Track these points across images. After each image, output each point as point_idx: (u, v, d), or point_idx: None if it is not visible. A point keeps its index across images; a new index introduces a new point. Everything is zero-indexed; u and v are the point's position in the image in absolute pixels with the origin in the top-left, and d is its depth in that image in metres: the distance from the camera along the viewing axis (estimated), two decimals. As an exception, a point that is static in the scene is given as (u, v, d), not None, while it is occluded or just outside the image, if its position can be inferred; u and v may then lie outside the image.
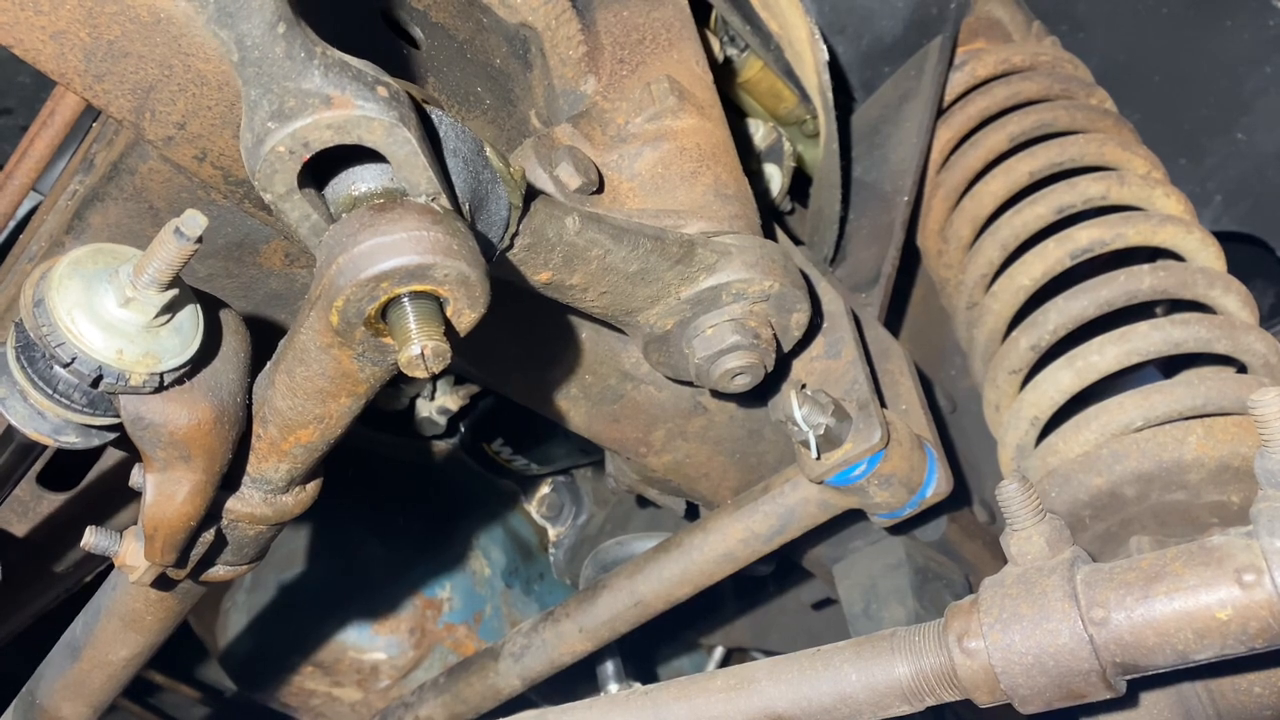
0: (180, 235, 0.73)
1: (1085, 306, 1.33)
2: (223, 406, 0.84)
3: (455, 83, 1.07)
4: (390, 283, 0.72)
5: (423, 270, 0.72)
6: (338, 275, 0.72)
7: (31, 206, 1.28)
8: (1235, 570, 0.79)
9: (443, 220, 0.75)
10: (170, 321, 0.80)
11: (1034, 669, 0.84)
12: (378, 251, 0.72)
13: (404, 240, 0.72)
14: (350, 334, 0.75)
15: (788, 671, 0.91)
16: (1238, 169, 1.77)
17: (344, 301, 0.72)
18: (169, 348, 0.79)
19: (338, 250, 0.73)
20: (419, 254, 0.72)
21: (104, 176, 1.03)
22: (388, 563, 2.06)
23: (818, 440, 1.17)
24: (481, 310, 0.77)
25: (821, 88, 1.53)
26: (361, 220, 0.74)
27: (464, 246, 0.74)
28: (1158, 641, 0.81)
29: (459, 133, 0.83)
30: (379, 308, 0.74)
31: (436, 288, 0.74)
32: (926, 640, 0.89)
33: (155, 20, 0.83)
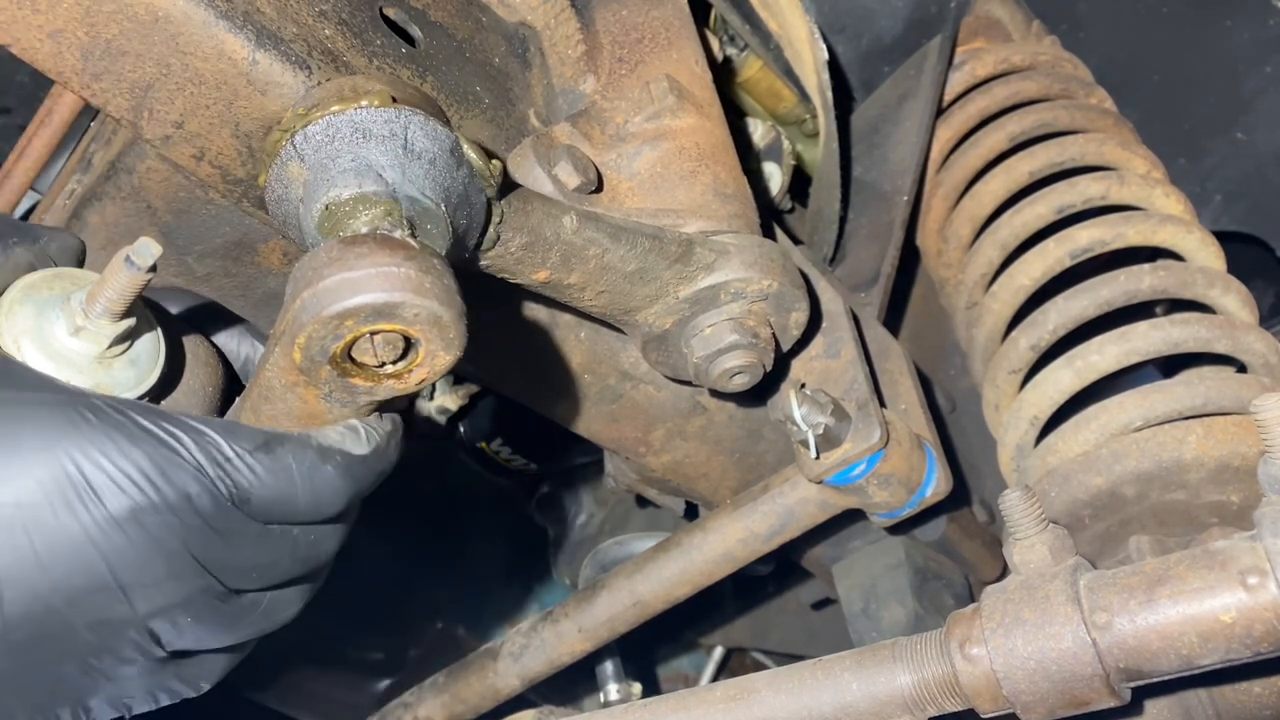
0: (131, 265, 0.70)
1: (1085, 306, 1.33)
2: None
3: (454, 82, 1.07)
4: (355, 321, 0.69)
5: (390, 309, 0.69)
6: (300, 311, 0.69)
7: (29, 206, 1.28)
8: (1239, 573, 0.79)
9: (417, 256, 0.71)
10: (126, 352, 0.76)
11: (1037, 674, 0.83)
12: (343, 287, 0.68)
13: (371, 276, 0.68)
14: (315, 373, 0.72)
15: (788, 682, 0.90)
16: (1238, 169, 1.77)
17: (306, 339, 0.69)
18: (122, 380, 0.76)
19: (302, 285, 0.70)
20: (387, 291, 0.68)
21: (102, 175, 1.03)
22: (387, 563, 2.06)
23: (817, 440, 1.17)
24: (457, 353, 0.73)
25: (821, 87, 1.53)
26: (329, 253, 0.70)
27: (439, 284, 0.70)
28: (1162, 646, 0.81)
29: (429, 133, 0.81)
30: (344, 347, 0.70)
31: (406, 328, 0.70)
32: (928, 648, 0.88)
33: (153, 19, 0.83)
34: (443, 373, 0.74)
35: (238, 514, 0.73)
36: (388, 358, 0.73)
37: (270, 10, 0.88)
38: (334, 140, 0.79)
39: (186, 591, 0.73)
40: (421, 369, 0.73)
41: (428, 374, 0.74)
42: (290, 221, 0.81)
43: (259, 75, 0.86)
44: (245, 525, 0.74)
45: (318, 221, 0.78)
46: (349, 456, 0.78)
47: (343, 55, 0.93)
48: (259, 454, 0.73)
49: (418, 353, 0.72)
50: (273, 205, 0.83)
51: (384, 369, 0.74)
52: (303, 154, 0.79)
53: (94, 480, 0.68)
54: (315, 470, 0.76)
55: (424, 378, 0.74)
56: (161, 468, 0.69)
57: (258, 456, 0.73)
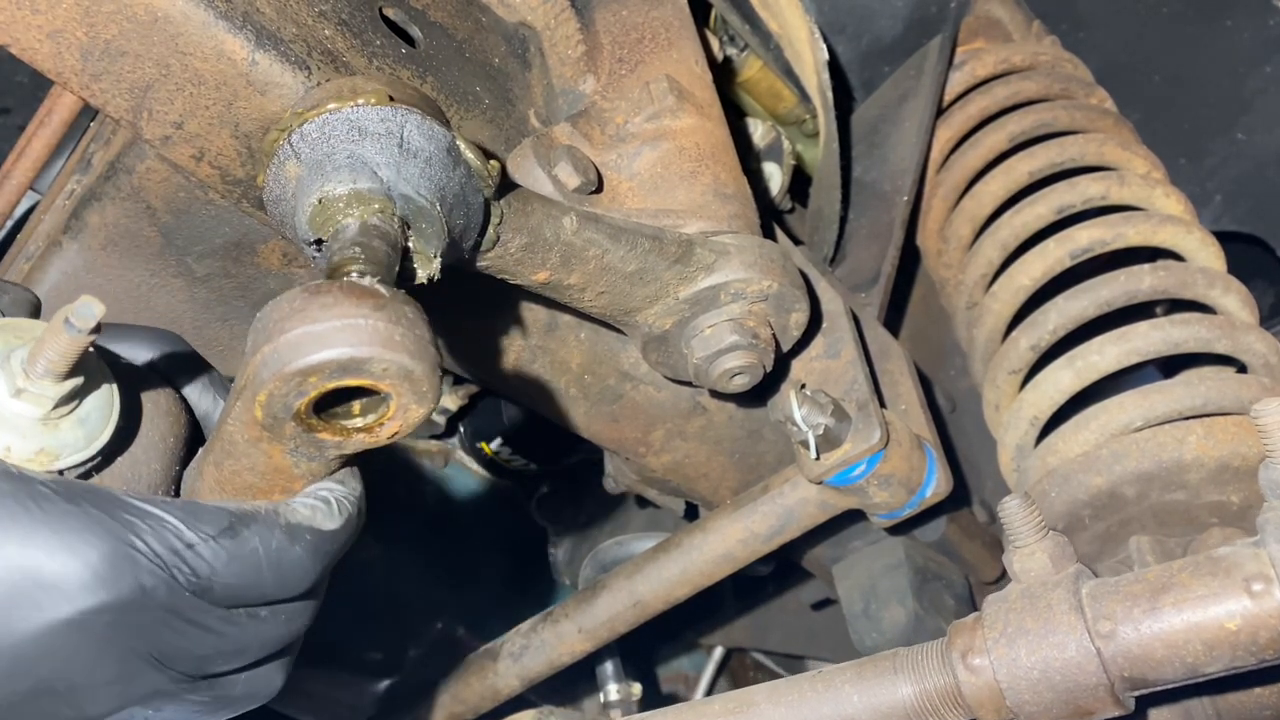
0: (71, 327, 0.65)
1: (1085, 306, 1.33)
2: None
3: (453, 82, 1.07)
4: (319, 377, 0.64)
5: (356, 364, 0.64)
6: (261, 367, 0.65)
7: (29, 206, 1.28)
8: (1244, 580, 0.78)
9: (387, 305, 0.66)
10: (74, 412, 0.71)
11: (1040, 684, 0.82)
12: (305, 342, 0.64)
13: (337, 330, 0.64)
14: (279, 429, 0.68)
15: (788, 694, 0.89)
16: (1238, 169, 1.77)
17: (267, 396, 0.65)
18: (69, 442, 0.70)
19: (263, 338, 0.65)
20: (353, 346, 0.64)
21: (101, 176, 1.03)
22: (386, 563, 2.06)
23: (817, 440, 1.17)
24: (431, 405, 0.69)
25: (821, 87, 1.53)
26: (292, 304, 0.66)
27: (409, 335, 0.66)
28: (1166, 654, 0.80)
29: (426, 132, 0.80)
30: (308, 403, 0.66)
31: (375, 383, 0.66)
32: (930, 659, 0.87)
33: (153, 19, 0.82)
34: (417, 425, 0.70)
35: (199, 603, 0.69)
36: (357, 411, 0.70)
37: (270, 11, 0.88)
38: (330, 138, 0.79)
39: (143, 690, 0.69)
40: (393, 423, 0.70)
41: (400, 427, 0.70)
42: (288, 221, 0.81)
43: (258, 76, 0.86)
44: (207, 614, 0.70)
45: (310, 216, 0.77)
46: (318, 534, 0.74)
47: (342, 56, 0.93)
48: (222, 539, 0.69)
49: (389, 406, 0.68)
50: (271, 205, 0.83)
51: (353, 423, 0.70)
52: (299, 152, 0.79)
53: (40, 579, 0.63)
54: (283, 552, 0.72)
55: (396, 431, 0.70)
56: (114, 562, 0.64)
57: (221, 542, 0.69)
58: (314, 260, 0.79)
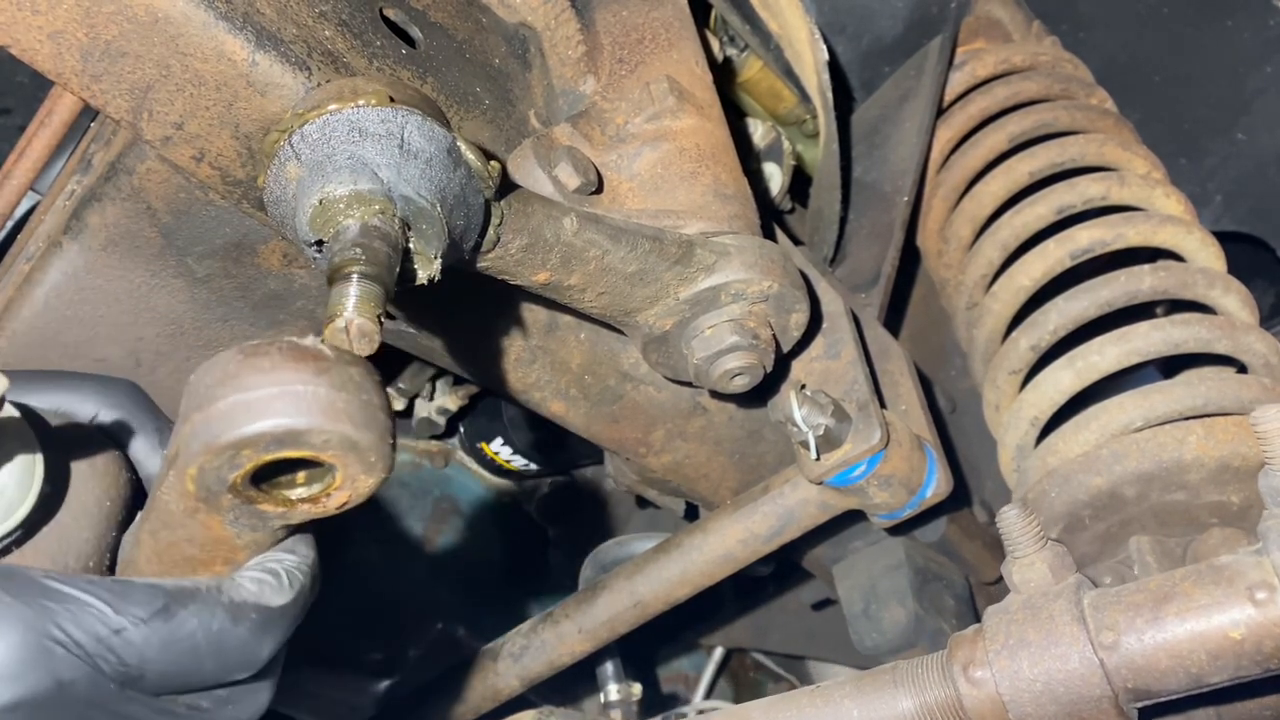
0: None
1: (1085, 307, 1.33)
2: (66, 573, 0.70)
3: (454, 83, 1.07)
4: (254, 450, 0.59)
5: (294, 436, 0.59)
6: (190, 438, 0.60)
7: (29, 206, 1.28)
8: (1247, 588, 0.78)
9: (330, 368, 0.61)
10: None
11: (1043, 697, 0.81)
12: (237, 412, 0.59)
13: (273, 397, 0.59)
14: (215, 502, 0.63)
15: (785, 710, 0.89)
16: (1238, 169, 1.77)
17: (198, 470, 0.61)
18: None
19: (193, 405, 0.61)
20: (290, 417, 0.59)
21: (102, 176, 1.03)
22: (386, 564, 2.06)
23: (817, 441, 1.17)
24: (382, 475, 0.64)
25: (821, 88, 1.53)
26: (225, 368, 0.60)
27: (354, 402, 0.61)
28: (1171, 664, 0.79)
29: (426, 133, 0.80)
30: (244, 475, 0.61)
31: (317, 454, 0.61)
32: (930, 672, 0.86)
33: (153, 20, 0.82)
34: (370, 494, 0.65)
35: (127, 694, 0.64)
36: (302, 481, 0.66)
37: (270, 11, 0.88)
38: (330, 139, 0.79)
39: None
40: (341, 492, 0.65)
41: (349, 498, 0.65)
42: (288, 222, 0.81)
43: (259, 77, 0.86)
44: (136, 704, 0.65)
45: (310, 217, 0.77)
46: (265, 610, 0.68)
47: (343, 56, 0.93)
48: (154, 621, 0.64)
49: (335, 477, 0.64)
50: (271, 206, 0.83)
51: (297, 493, 0.66)
52: (300, 153, 0.79)
53: None
54: (225, 634, 0.66)
55: (345, 501, 0.66)
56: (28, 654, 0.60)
57: (153, 625, 0.63)
58: (314, 261, 0.79)
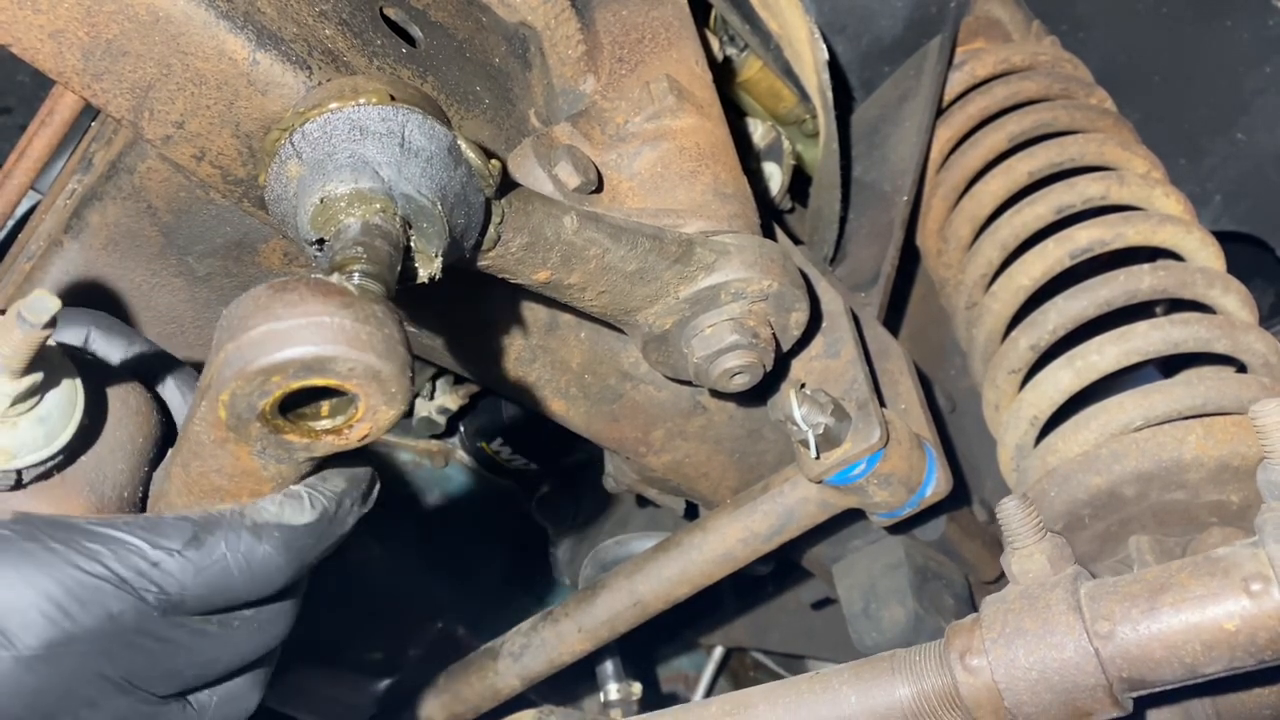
0: (23, 321, 0.64)
1: (1085, 306, 1.33)
2: (103, 503, 0.74)
3: (454, 82, 1.07)
4: (283, 376, 0.63)
5: (321, 363, 0.62)
6: (224, 366, 0.63)
7: (30, 205, 1.28)
8: (1243, 580, 0.78)
9: (355, 303, 0.64)
10: (35, 409, 0.69)
11: (1039, 685, 0.82)
12: (269, 340, 0.62)
13: (301, 327, 0.62)
14: (244, 430, 0.66)
15: (785, 696, 0.89)
16: (1238, 169, 1.77)
17: (230, 396, 0.63)
18: (28, 440, 0.69)
19: (226, 336, 0.64)
20: (318, 344, 0.62)
21: (102, 175, 1.03)
22: (386, 563, 2.06)
23: (817, 440, 1.17)
24: (401, 407, 0.67)
25: (821, 87, 1.53)
26: (257, 301, 0.64)
27: (377, 334, 0.64)
28: (1165, 655, 0.80)
29: (427, 131, 0.80)
30: (273, 403, 0.64)
31: (341, 383, 0.64)
32: (927, 660, 0.87)
33: (154, 19, 0.83)
34: (389, 428, 0.68)
35: (170, 619, 0.68)
36: (326, 413, 0.68)
37: (271, 10, 0.88)
38: (331, 138, 0.79)
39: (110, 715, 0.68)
40: (363, 424, 0.68)
41: (370, 430, 0.68)
42: (289, 220, 0.81)
43: (260, 75, 0.86)
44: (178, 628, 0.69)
45: (311, 216, 0.77)
46: (288, 530, 0.72)
47: (343, 55, 0.93)
48: (188, 550, 0.68)
49: (357, 408, 0.66)
50: (272, 204, 0.83)
51: (321, 424, 0.68)
52: (300, 152, 0.79)
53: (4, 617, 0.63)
54: (252, 553, 0.70)
55: (366, 434, 0.69)
56: (77, 594, 0.64)
57: (187, 554, 0.68)
58: (315, 260, 0.79)
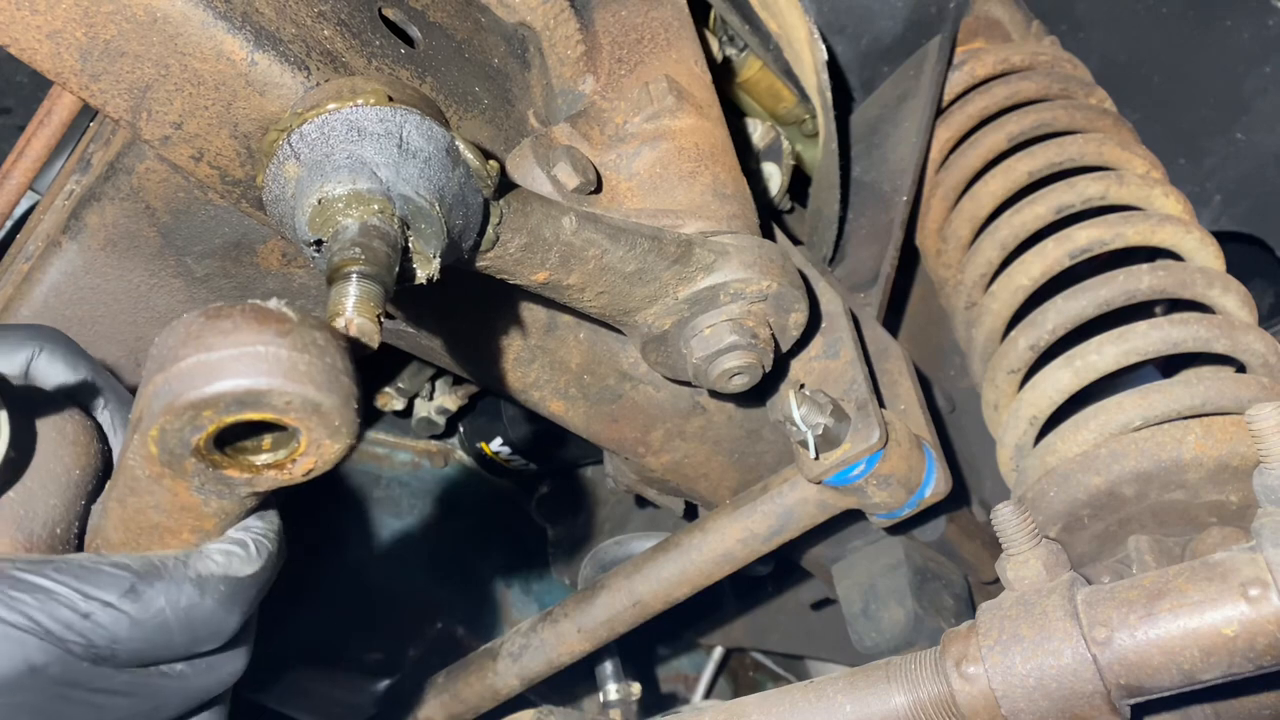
0: None
1: (1084, 306, 1.33)
2: (31, 540, 0.71)
3: (453, 82, 1.07)
4: (215, 411, 0.59)
5: (255, 397, 0.59)
6: (152, 399, 0.60)
7: (28, 206, 1.28)
8: (1241, 585, 0.78)
9: (293, 330, 0.60)
10: None
11: (1036, 692, 0.82)
12: (199, 371, 0.58)
13: (234, 358, 0.58)
14: (179, 466, 0.63)
15: (779, 705, 0.89)
16: (1237, 169, 1.77)
17: (159, 431, 0.60)
18: None
19: (155, 366, 0.60)
20: (251, 377, 0.58)
21: (101, 176, 1.03)
22: (386, 563, 2.06)
23: (816, 440, 1.17)
24: (348, 440, 0.63)
25: (820, 87, 1.53)
26: (188, 328, 0.60)
27: (316, 364, 0.60)
28: (1163, 661, 0.80)
29: (425, 132, 0.80)
30: (207, 438, 0.61)
31: (279, 416, 0.60)
32: (923, 668, 0.87)
33: (152, 20, 0.83)
34: (337, 461, 0.64)
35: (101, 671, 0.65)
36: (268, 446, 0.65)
37: (269, 11, 0.88)
38: (329, 138, 0.79)
39: None
40: (306, 458, 0.64)
41: (315, 464, 0.64)
42: (287, 221, 0.81)
43: (258, 76, 0.86)
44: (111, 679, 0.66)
45: (309, 217, 0.77)
46: (233, 582, 0.68)
47: (342, 56, 0.93)
48: (124, 602, 0.64)
49: (299, 442, 0.63)
50: (270, 205, 0.83)
51: (263, 458, 0.65)
52: (298, 152, 0.79)
53: None
54: (194, 609, 0.67)
55: (310, 468, 0.65)
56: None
57: (122, 606, 0.64)
58: (313, 260, 0.79)
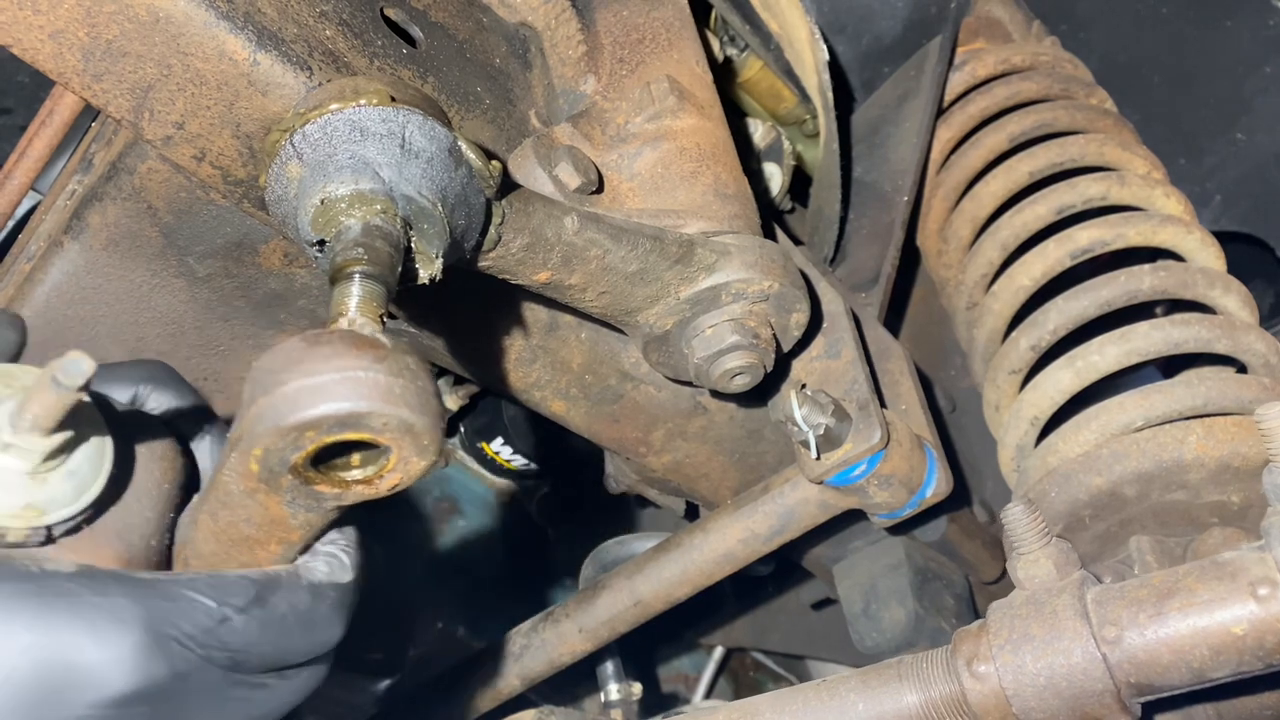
0: (58, 384, 0.63)
1: (1085, 306, 1.33)
2: (131, 553, 0.75)
3: (454, 82, 1.07)
4: (317, 432, 0.63)
5: (356, 419, 0.63)
6: (257, 421, 0.63)
7: (30, 206, 1.28)
8: (1250, 584, 0.78)
9: (389, 356, 0.65)
10: (64, 464, 0.69)
11: (1046, 691, 0.82)
12: (303, 395, 0.62)
13: (336, 382, 0.62)
14: (275, 482, 0.67)
15: (792, 703, 0.89)
16: (1238, 169, 1.77)
17: (263, 451, 0.64)
18: (58, 496, 0.69)
19: (259, 389, 0.64)
20: (353, 400, 0.62)
21: (103, 176, 1.03)
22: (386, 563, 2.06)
23: (817, 440, 1.17)
24: (433, 458, 0.67)
25: (821, 87, 1.53)
26: (290, 354, 0.64)
27: (410, 388, 0.64)
28: (1173, 660, 0.80)
29: (427, 132, 0.80)
30: (306, 456, 0.65)
31: (375, 437, 0.64)
32: (934, 667, 0.87)
33: (154, 19, 0.83)
34: (420, 477, 0.69)
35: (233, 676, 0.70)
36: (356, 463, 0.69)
37: (271, 11, 0.88)
38: (331, 139, 0.79)
39: None
40: (394, 474, 0.69)
41: (401, 480, 0.69)
42: (289, 221, 0.81)
43: (260, 76, 0.86)
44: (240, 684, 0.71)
45: (312, 217, 0.77)
46: (340, 588, 0.75)
47: (344, 56, 0.93)
48: (252, 609, 0.69)
49: (389, 459, 0.67)
50: (273, 205, 0.83)
51: (352, 475, 0.69)
52: (301, 153, 0.79)
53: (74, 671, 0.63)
54: (311, 613, 0.73)
55: (397, 483, 0.69)
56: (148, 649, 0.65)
57: (251, 612, 0.69)
58: (316, 261, 0.79)
